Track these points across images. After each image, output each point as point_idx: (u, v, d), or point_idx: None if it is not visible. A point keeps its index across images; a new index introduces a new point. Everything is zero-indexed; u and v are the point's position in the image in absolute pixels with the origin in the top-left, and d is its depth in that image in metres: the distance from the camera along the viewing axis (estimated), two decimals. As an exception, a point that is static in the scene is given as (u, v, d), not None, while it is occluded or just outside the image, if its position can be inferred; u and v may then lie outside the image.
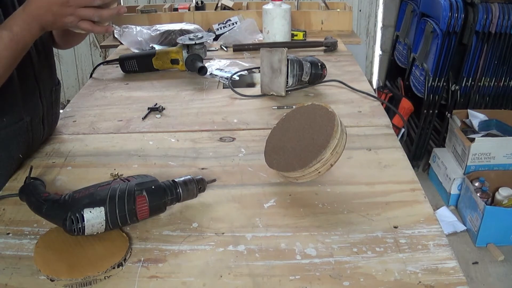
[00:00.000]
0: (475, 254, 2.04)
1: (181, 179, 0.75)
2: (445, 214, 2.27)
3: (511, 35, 2.32)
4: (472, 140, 2.22)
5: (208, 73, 1.37)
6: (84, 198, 0.66)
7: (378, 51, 3.20)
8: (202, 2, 2.15)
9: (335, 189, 0.81)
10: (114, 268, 0.63)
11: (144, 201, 0.68)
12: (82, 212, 0.64)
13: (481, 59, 2.39)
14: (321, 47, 1.65)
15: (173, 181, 0.74)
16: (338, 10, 2.07)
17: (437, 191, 2.48)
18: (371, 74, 3.30)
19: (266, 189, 0.81)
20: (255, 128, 1.05)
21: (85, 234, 0.65)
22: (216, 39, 1.76)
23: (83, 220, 0.64)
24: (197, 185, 0.75)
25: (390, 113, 1.59)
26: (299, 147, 0.80)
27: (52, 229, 0.71)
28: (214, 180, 0.81)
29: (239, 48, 1.64)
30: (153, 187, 0.70)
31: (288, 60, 1.17)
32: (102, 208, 0.65)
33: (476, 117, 2.40)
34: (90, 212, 0.64)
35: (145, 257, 0.66)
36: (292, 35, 1.74)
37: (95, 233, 0.66)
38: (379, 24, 3.13)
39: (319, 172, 0.76)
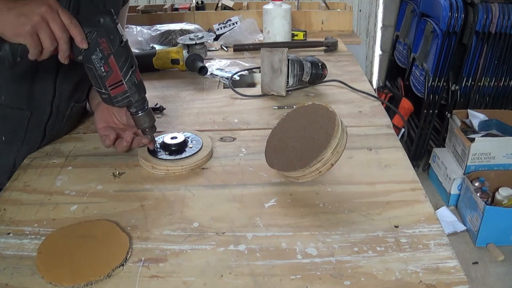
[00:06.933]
0: (475, 254, 2.04)
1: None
2: (445, 214, 2.27)
3: (511, 35, 2.32)
4: (472, 140, 2.23)
5: (208, 73, 1.37)
6: None
7: (378, 51, 3.20)
8: (202, 2, 2.15)
9: (335, 188, 0.81)
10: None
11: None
12: None
13: (481, 59, 2.39)
14: (321, 47, 1.65)
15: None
16: (338, 10, 2.07)
17: (437, 191, 2.48)
18: (371, 74, 3.30)
19: (266, 189, 0.81)
20: (255, 128, 1.05)
21: None
22: (216, 39, 1.76)
23: None
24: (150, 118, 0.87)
25: (390, 113, 1.59)
26: (299, 146, 0.80)
27: (53, 233, 0.71)
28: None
29: (239, 48, 1.64)
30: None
31: (288, 60, 1.17)
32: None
33: (476, 117, 2.40)
34: None
35: (146, 257, 0.66)
36: (293, 35, 1.74)
37: None
38: (379, 24, 3.13)
39: (320, 171, 0.76)
